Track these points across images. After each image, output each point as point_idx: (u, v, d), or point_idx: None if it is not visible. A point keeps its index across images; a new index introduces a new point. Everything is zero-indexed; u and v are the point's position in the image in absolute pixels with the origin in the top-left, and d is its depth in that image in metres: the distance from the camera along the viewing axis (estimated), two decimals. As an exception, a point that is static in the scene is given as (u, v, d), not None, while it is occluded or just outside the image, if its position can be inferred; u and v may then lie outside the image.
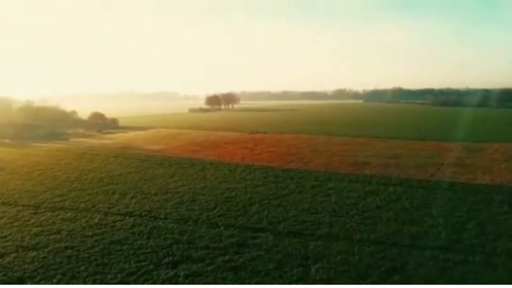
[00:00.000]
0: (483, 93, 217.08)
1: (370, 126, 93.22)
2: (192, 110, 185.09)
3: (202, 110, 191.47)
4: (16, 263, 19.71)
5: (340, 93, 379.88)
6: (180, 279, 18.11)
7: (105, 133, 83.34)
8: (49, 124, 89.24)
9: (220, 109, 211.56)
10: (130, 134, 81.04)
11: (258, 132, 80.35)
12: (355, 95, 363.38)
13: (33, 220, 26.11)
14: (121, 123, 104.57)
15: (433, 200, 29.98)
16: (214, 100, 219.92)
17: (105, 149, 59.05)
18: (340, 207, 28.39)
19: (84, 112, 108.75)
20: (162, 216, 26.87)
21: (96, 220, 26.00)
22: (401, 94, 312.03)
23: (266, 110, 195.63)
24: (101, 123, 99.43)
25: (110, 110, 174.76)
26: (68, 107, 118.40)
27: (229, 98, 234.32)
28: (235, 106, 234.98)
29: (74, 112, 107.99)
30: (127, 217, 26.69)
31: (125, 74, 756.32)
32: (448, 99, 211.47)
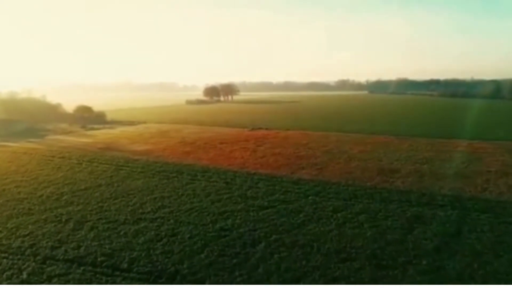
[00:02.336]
0: (493, 84, 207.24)
1: (384, 120, 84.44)
2: (189, 102, 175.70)
3: (199, 101, 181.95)
4: None
5: (343, 84, 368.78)
6: None
7: (88, 129, 74.56)
8: (29, 118, 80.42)
9: (219, 101, 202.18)
10: (117, 131, 72.25)
11: (260, 128, 71.55)
12: (359, 86, 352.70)
13: None
14: (110, 116, 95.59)
15: (508, 235, 21.45)
16: (212, 91, 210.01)
17: (82, 150, 50.38)
18: (381, 249, 19.87)
19: (74, 104, 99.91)
20: (124, 266, 18.36)
21: (24, 275, 17.51)
22: (406, 85, 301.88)
23: (267, 102, 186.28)
24: (87, 117, 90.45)
25: (102, 102, 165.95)
26: (58, 98, 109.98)
27: (229, 89, 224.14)
28: (235, 97, 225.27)
29: (59, 105, 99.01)
30: (73, 268, 18.20)
31: (122, 64, 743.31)
32: (457, 91, 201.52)
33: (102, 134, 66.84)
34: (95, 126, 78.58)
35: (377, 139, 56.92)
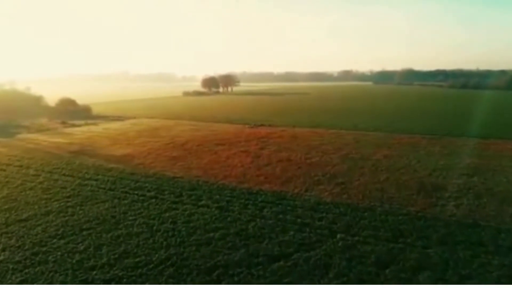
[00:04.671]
0: (504, 75, 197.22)
1: (401, 115, 75.53)
2: (186, 94, 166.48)
3: (197, 93, 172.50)
4: None
5: (346, 74, 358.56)
6: None
7: (68, 126, 65.88)
8: (2, 113, 71.68)
9: (218, 92, 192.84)
10: (99, 128, 63.58)
11: (262, 125, 62.85)
12: (362, 77, 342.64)
13: None
14: (98, 110, 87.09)
15: None
16: (211, 82, 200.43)
17: (49, 154, 41.86)
18: None
19: (62, 96, 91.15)
20: None
21: None
22: (411, 75, 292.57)
23: (269, 93, 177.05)
24: (71, 111, 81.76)
25: (94, 93, 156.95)
26: (49, 90, 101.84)
27: (228, 80, 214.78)
28: (235, 88, 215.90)
29: (41, 98, 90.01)
30: None
31: (120, 55, 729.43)
32: (468, 81, 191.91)
33: (81, 133, 58.16)
34: (77, 122, 69.80)
35: (400, 139, 48.26)
